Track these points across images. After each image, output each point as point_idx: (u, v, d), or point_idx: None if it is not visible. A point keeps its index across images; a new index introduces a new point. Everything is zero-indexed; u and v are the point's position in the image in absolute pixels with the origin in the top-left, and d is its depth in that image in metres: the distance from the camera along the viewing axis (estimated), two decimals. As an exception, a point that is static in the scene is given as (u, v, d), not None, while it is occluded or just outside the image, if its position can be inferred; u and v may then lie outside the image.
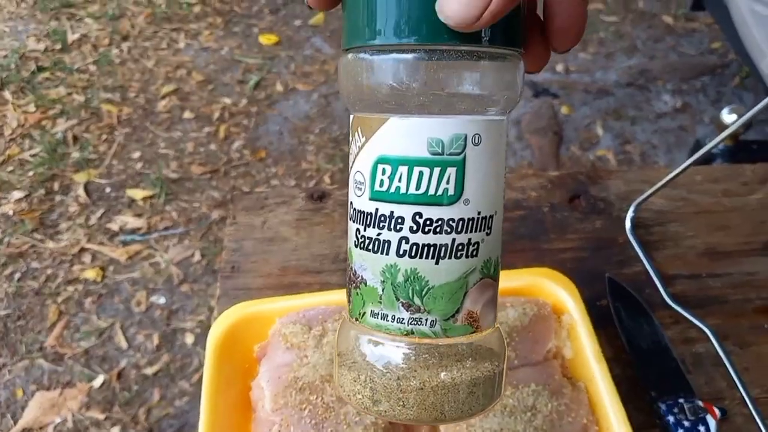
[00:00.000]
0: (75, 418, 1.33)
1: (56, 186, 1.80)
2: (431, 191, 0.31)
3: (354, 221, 0.33)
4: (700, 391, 0.54)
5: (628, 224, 0.66)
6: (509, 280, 0.56)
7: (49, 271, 1.59)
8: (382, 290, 0.32)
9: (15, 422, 1.33)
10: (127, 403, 1.36)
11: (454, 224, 0.31)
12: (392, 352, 0.32)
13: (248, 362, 0.55)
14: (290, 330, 0.52)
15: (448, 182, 0.31)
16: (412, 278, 0.31)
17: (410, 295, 0.31)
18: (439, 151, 0.31)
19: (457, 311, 0.32)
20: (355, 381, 0.33)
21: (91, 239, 1.66)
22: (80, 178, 1.81)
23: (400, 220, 0.31)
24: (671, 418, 0.50)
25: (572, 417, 0.47)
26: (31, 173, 1.82)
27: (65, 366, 1.42)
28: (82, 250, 1.64)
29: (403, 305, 0.32)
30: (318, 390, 0.48)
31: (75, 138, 1.94)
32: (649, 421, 0.52)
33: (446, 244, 0.31)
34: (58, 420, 1.33)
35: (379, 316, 0.32)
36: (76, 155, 1.88)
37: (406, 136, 0.31)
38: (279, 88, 2.16)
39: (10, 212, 1.72)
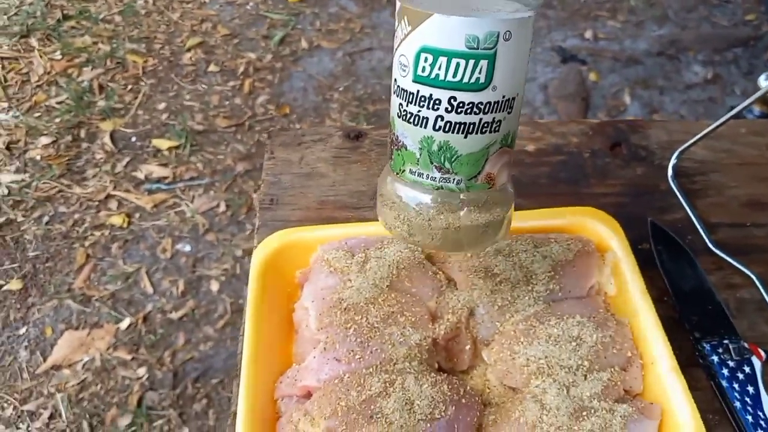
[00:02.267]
0: (103, 358, 1.36)
1: (83, 133, 1.81)
2: (465, 79, 0.38)
3: (397, 96, 0.41)
4: (744, 335, 0.54)
5: (670, 171, 0.66)
6: (553, 218, 0.56)
7: (76, 216, 1.61)
8: (420, 155, 0.41)
9: (45, 359, 1.36)
10: (152, 346, 1.39)
11: (482, 106, 0.39)
12: (425, 200, 0.42)
13: (290, 287, 0.55)
14: (333, 255, 0.53)
15: (480, 72, 0.38)
16: (444, 148, 0.40)
17: (442, 160, 0.41)
18: (475, 46, 0.37)
19: (479, 173, 0.41)
20: (395, 218, 0.44)
21: (117, 186, 1.68)
22: (106, 126, 1.82)
23: (437, 102, 0.39)
24: (715, 358, 0.50)
25: (617, 349, 0.47)
26: (57, 120, 1.83)
27: (93, 307, 1.44)
28: (109, 196, 1.65)
29: (436, 168, 0.41)
30: (362, 311, 0.48)
31: (101, 87, 1.94)
32: (692, 361, 0.52)
33: (474, 122, 0.40)
34: (86, 358, 1.36)
35: (416, 174, 0.42)
36: (101, 104, 1.88)
37: (447, 32, 0.37)
38: (304, 44, 2.14)
39: (38, 157, 1.73)
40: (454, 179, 0.41)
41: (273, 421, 0.47)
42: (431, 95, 0.39)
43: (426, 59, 0.38)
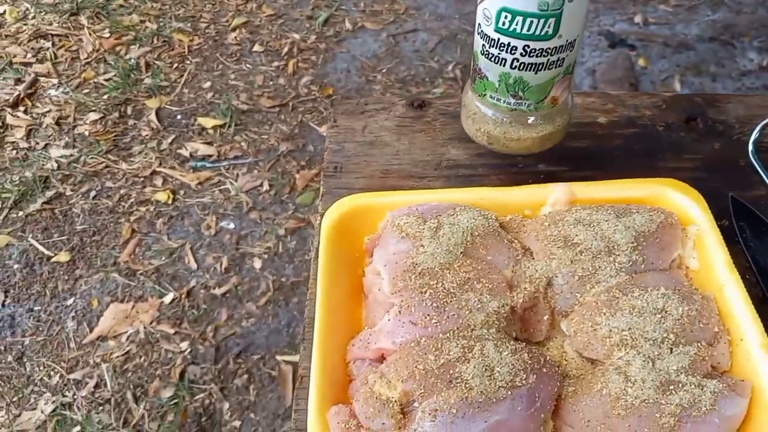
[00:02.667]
0: (146, 331, 1.38)
1: (129, 110, 1.83)
2: (537, 32, 0.49)
3: (481, 38, 0.52)
4: (830, 315, 0.51)
5: (750, 147, 0.63)
6: (633, 189, 0.54)
7: (122, 191, 1.63)
8: (498, 86, 0.54)
9: (91, 330, 1.39)
10: (195, 321, 1.40)
11: (550, 51, 0.50)
12: (502, 118, 0.56)
13: (358, 252, 0.54)
14: (405, 221, 0.52)
15: (549, 27, 0.49)
16: (518, 81, 0.53)
17: (516, 90, 0.54)
18: (545, 8, 0.47)
19: (545, 97, 0.54)
20: (477, 130, 0.59)
21: (162, 163, 1.69)
22: (152, 103, 1.84)
23: (514, 48, 0.51)
24: (801, 337, 0.48)
25: (703, 324, 0.45)
26: (105, 96, 1.86)
27: (137, 281, 1.46)
28: (154, 173, 1.67)
29: (511, 95, 0.54)
30: (438, 276, 0.47)
31: (147, 65, 1.96)
32: (775, 340, 0.50)
33: (543, 62, 0.51)
34: (130, 330, 1.38)
35: (495, 99, 0.55)
36: (148, 81, 1.90)
37: None
38: (348, 25, 2.13)
39: (86, 133, 1.76)
40: (525, 103, 0.54)
41: (344, 384, 0.47)
42: (509, 43, 0.50)
43: (506, 16, 0.49)
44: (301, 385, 0.49)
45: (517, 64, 0.50)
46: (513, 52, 0.50)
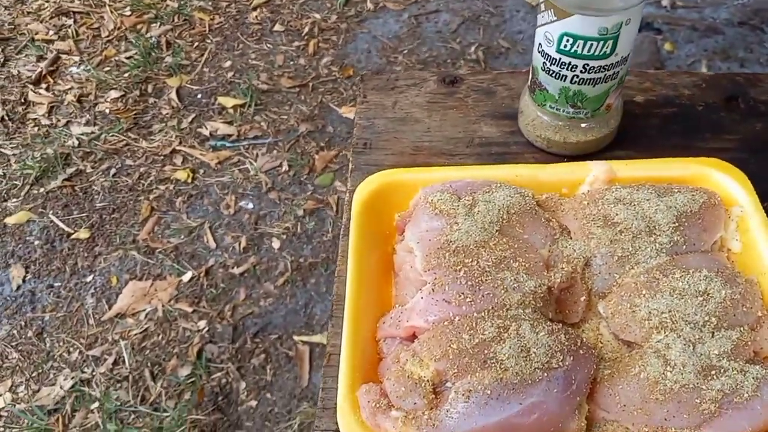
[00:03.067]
0: (165, 309, 1.38)
1: (150, 88, 1.82)
2: (596, 53, 0.52)
3: (542, 56, 0.55)
4: None
5: (795, 128, 0.61)
6: (675, 168, 0.52)
7: (142, 169, 1.63)
8: (558, 97, 0.57)
9: (110, 307, 1.39)
10: (213, 299, 1.40)
11: (607, 67, 0.53)
12: (561, 124, 0.59)
13: (388, 229, 0.53)
14: (438, 198, 0.50)
15: (607, 47, 0.52)
16: (577, 94, 0.55)
17: (575, 101, 0.56)
18: (605, 33, 0.50)
19: (601, 105, 0.57)
20: (537, 136, 0.61)
21: (182, 142, 1.69)
22: (173, 82, 1.83)
23: (574, 66, 0.54)
24: None
25: (746, 307, 0.44)
26: (126, 74, 1.85)
27: (156, 259, 1.46)
28: (174, 151, 1.67)
29: (570, 106, 0.57)
30: (473, 254, 0.46)
31: (168, 43, 1.95)
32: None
33: (600, 77, 0.54)
34: (149, 308, 1.38)
35: (554, 108, 0.58)
36: (168, 60, 1.89)
37: (586, 26, 0.50)
38: (369, 5, 2.10)
39: (107, 110, 1.76)
40: (583, 112, 0.57)
41: (374, 362, 0.46)
42: (570, 62, 0.53)
43: (567, 40, 0.51)
44: (328, 363, 0.48)
45: (577, 79, 0.53)
46: (573, 69, 0.53)
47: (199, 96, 1.81)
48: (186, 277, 1.43)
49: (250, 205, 1.55)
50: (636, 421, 0.41)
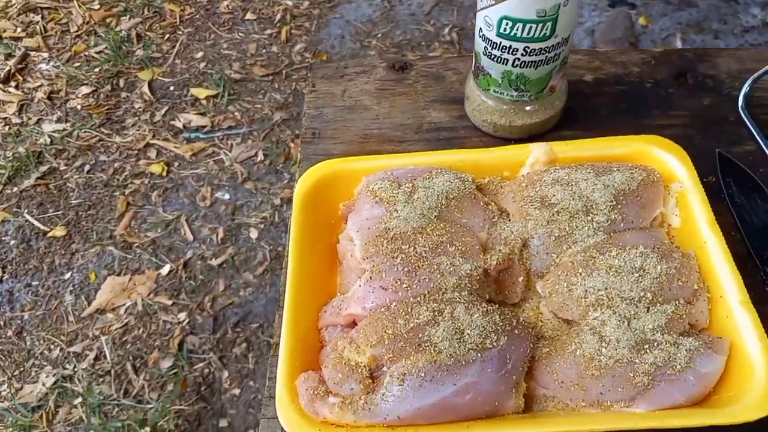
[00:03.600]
0: (144, 302, 1.38)
1: (122, 83, 1.81)
2: (536, 35, 0.52)
3: (483, 41, 0.55)
4: (816, 271, 0.50)
5: (740, 101, 0.61)
6: (616, 147, 0.53)
7: (116, 165, 1.62)
8: (501, 81, 0.57)
9: (89, 303, 1.39)
10: (193, 291, 1.40)
11: (548, 49, 0.53)
12: (506, 108, 0.58)
13: (334, 219, 0.53)
14: (379, 186, 0.51)
15: (546, 29, 0.51)
16: (520, 77, 0.55)
17: (518, 84, 0.56)
18: (543, 15, 0.50)
19: (545, 87, 0.57)
20: (483, 121, 0.61)
21: (156, 135, 1.68)
22: (145, 75, 1.82)
23: (515, 50, 0.53)
24: (785, 294, 0.47)
25: (682, 282, 0.44)
26: (97, 69, 1.83)
27: (134, 254, 1.46)
28: (148, 145, 1.66)
29: (513, 89, 0.57)
30: (410, 240, 0.46)
31: (139, 36, 1.93)
32: (761, 297, 0.48)
33: (542, 59, 0.54)
34: (128, 303, 1.38)
35: (498, 93, 0.58)
36: (139, 53, 1.88)
37: (524, 7, 0.50)
38: (342, -10, 2.08)
39: (78, 107, 1.74)
40: (526, 95, 0.57)
41: (316, 350, 0.46)
42: (510, 45, 0.53)
43: (506, 23, 0.51)
44: (274, 353, 0.49)
45: (519, 62, 0.53)
46: (514, 53, 0.53)
47: (172, 88, 1.80)
48: (164, 271, 1.43)
49: (227, 196, 1.55)
50: (573, 396, 0.41)
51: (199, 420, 1.22)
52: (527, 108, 0.58)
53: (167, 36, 1.94)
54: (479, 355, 0.41)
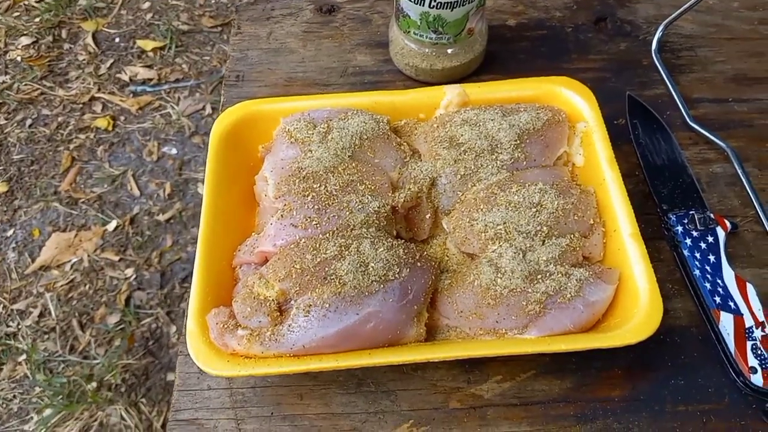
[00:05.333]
0: (90, 259, 1.37)
1: (64, 34, 1.74)
2: None
3: None
4: (712, 208, 0.53)
5: (654, 45, 0.62)
6: (525, 88, 0.54)
7: (60, 119, 1.58)
8: (420, 23, 0.57)
9: (33, 260, 1.37)
10: (140, 247, 1.39)
11: None
12: (427, 51, 0.59)
13: (253, 161, 0.54)
14: (295, 127, 0.51)
15: None
16: (437, 18, 0.56)
17: (436, 26, 0.57)
18: None
19: (463, 29, 0.57)
20: (406, 64, 0.61)
21: (101, 89, 1.63)
22: (88, 26, 1.76)
23: None
24: (680, 228, 0.49)
25: (578, 216, 0.46)
26: (37, 19, 1.76)
27: (79, 210, 1.44)
28: (93, 99, 1.61)
29: (432, 31, 0.57)
30: (321, 179, 0.47)
31: (81, -16, 1.85)
32: (657, 233, 0.51)
33: (457, 0, 0.54)
34: (74, 259, 1.37)
35: (418, 35, 0.58)
36: (83, 2, 1.81)
37: None
38: (293, -60, 2.02)
39: (18, 58, 1.68)
40: (445, 37, 0.57)
41: (230, 288, 0.47)
42: None
43: None
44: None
45: (435, 3, 0.54)
46: None
47: (117, 40, 1.74)
48: (111, 226, 1.42)
49: (174, 151, 1.53)
50: (472, 325, 0.43)
51: (147, 374, 1.23)
52: (448, 51, 0.59)
53: (111, -15, 1.87)
54: (381, 286, 0.42)
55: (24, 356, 1.23)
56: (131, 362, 1.24)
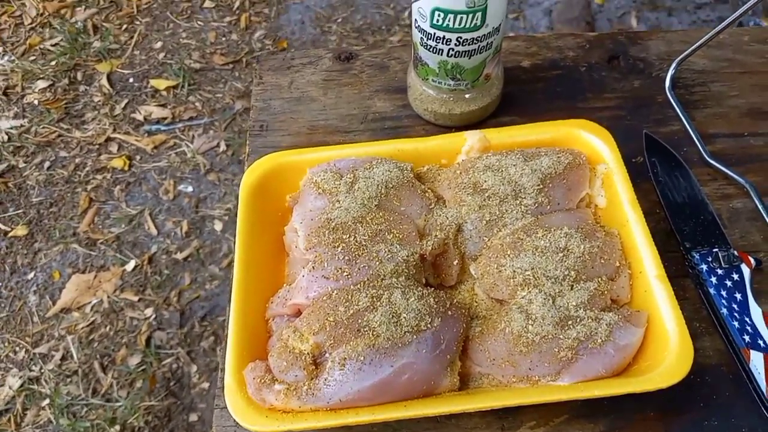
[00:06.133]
0: (110, 300, 1.38)
1: (79, 76, 1.78)
2: (467, 25, 0.54)
3: (419, 31, 0.57)
4: (735, 244, 0.53)
5: (667, 82, 0.64)
6: (544, 132, 0.55)
7: (77, 160, 1.61)
8: (438, 71, 0.59)
9: (54, 303, 1.39)
10: (159, 287, 1.41)
11: (480, 38, 0.55)
12: (445, 97, 0.61)
13: (281, 211, 0.55)
14: (322, 177, 0.52)
15: (477, 19, 0.53)
16: (455, 66, 0.58)
17: (454, 74, 0.58)
18: (473, 6, 0.52)
19: (480, 75, 0.59)
20: (424, 109, 0.63)
21: (116, 129, 1.66)
22: (103, 68, 1.79)
23: (448, 40, 0.55)
24: (704, 267, 0.50)
25: (604, 259, 0.47)
26: (53, 63, 1.80)
27: (98, 251, 1.46)
28: (109, 139, 1.64)
29: (450, 78, 0.59)
30: (350, 230, 0.48)
31: (95, 27, 1.90)
32: (681, 271, 0.52)
33: (475, 48, 0.56)
34: (94, 301, 1.38)
35: (437, 82, 0.60)
36: (97, 45, 1.85)
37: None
38: (300, -24, 2.07)
39: (36, 102, 1.72)
40: (463, 83, 0.59)
41: (264, 340, 0.48)
42: (444, 36, 0.55)
43: (438, 14, 0.53)
44: (225, 344, 0.51)
45: (453, 52, 0.55)
46: (448, 43, 0.55)
47: (131, 80, 1.78)
48: (129, 266, 1.43)
49: (190, 189, 1.55)
50: (505, 373, 0.44)
51: (169, 415, 1.23)
52: (465, 96, 0.60)
53: (125, 26, 1.92)
54: (415, 336, 0.43)
55: (47, 401, 1.24)
56: (153, 404, 1.25)
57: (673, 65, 0.64)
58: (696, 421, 0.45)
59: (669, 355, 0.42)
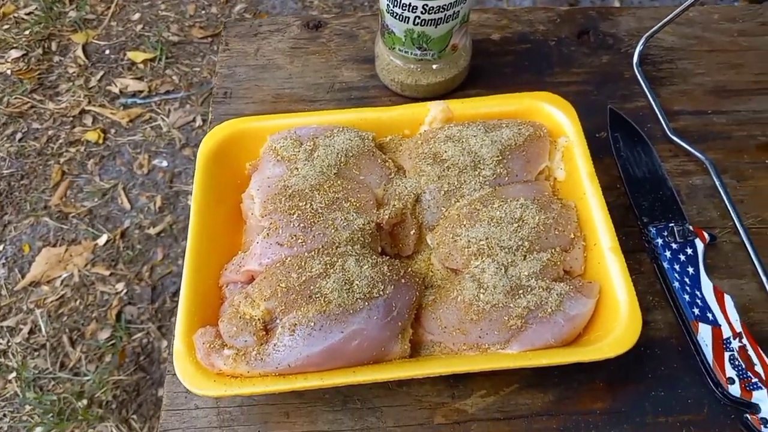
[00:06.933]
0: (81, 274, 1.37)
1: (54, 46, 1.74)
2: None
3: None
4: (691, 219, 0.53)
5: (635, 58, 0.63)
6: (508, 103, 0.55)
7: (50, 132, 1.58)
8: (405, 40, 0.57)
9: (23, 276, 1.37)
10: (130, 261, 1.39)
11: (446, 6, 0.54)
12: (411, 67, 0.60)
13: (241, 179, 0.54)
14: (281, 144, 0.52)
15: None
16: (422, 35, 0.56)
17: (421, 43, 0.57)
18: None
19: (447, 46, 0.58)
20: (391, 80, 0.62)
21: (91, 101, 1.63)
22: (78, 38, 1.76)
23: (414, 8, 0.54)
24: (660, 241, 0.50)
25: (559, 231, 0.47)
26: (27, 32, 1.76)
27: (70, 224, 1.44)
28: (83, 111, 1.61)
29: (417, 48, 0.58)
30: (307, 197, 0.48)
31: (70, -3, 1.86)
32: (638, 245, 0.52)
33: (441, 17, 0.55)
34: (65, 274, 1.36)
35: (403, 51, 0.59)
36: (72, 15, 1.81)
37: None
38: (282, -50, 2.03)
39: (8, 72, 1.68)
40: (430, 53, 0.58)
41: (218, 307, 0.47)
42: (410, 3, 0.54)
43: None
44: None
45: (419, 20, 0.54)
46: (414, 10, 0.54)
47: (107, 52, 1.75)
48: (101, 241, 1.41)
49: (164, 163, 1.53)
50: (456, 340, 0.44)
51: (138, 390, 1.22)
52: (432, 67, 0.59)
53: (101, -3, 1.88)
54: (366, 303, 0.43)
55: (14, 374, 1.23)
56: (122, 378, 1.24)
57: (641, 41, 0.63)
58: (643, 392, 0.45)
59: (618, 325, 0.42)
